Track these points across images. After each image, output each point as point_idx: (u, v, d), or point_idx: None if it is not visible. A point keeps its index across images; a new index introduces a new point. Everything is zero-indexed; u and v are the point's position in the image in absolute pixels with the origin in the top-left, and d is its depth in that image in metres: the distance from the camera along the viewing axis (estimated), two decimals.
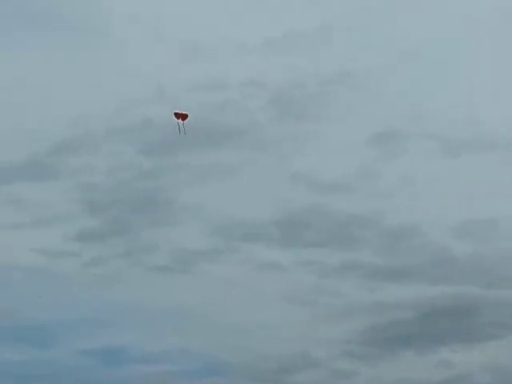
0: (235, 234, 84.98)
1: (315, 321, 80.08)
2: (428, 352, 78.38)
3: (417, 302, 79.28)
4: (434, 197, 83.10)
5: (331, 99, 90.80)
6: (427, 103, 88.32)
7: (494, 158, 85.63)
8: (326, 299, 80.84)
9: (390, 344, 78.97)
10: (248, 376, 77.62)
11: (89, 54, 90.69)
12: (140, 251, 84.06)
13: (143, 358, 78.03)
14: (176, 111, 67.65)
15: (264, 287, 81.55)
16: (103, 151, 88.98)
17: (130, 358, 78.15)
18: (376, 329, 79.43)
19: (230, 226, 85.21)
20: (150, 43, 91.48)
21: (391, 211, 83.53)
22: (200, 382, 77.62)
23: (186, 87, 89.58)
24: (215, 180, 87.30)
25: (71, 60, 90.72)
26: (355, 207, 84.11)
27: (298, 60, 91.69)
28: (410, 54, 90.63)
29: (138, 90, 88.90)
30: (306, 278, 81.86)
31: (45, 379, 75.74)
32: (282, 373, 77.51)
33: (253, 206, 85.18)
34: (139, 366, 77.73)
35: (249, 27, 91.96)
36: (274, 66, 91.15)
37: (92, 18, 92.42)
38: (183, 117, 67.10)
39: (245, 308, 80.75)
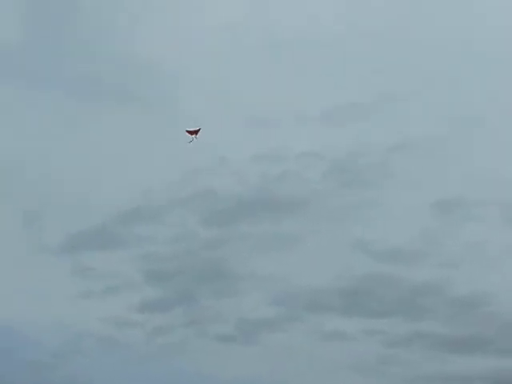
0: (299, 303, 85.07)
1: None
2: None
3: (487, 373, 78.05)
4: (503, 264, 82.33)
5: (391, 168, 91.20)
6: (490, 170, 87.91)
7: None
8: (392, 369, 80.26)
9: None
10: None
11: (154, 125, 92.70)
12: (204, 321, 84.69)
13: None
14: (188, 129, 74.58)
15: (329, 357, 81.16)
16: (167, 221, 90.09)
17: None
18: None
19: (293, 295, 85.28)
20: (213, 115, 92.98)
21: (458, 279, 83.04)
22: None
23: (247, 158, 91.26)
24: (277, 249, 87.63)
25: (137, 132, 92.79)
26: (421, 275, 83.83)
27: (357, 130, 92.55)
28: (470, 121, 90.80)
29: (202, 161, 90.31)
30: (372, 348, 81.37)
31: None
32: None
33: (316, 274, 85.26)
34: None
35: (308, 98, 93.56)
36: (333, 137, 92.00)
37: (158, 91, 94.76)
38: (195, 133, 73.55)
39: (310, 378, 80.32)
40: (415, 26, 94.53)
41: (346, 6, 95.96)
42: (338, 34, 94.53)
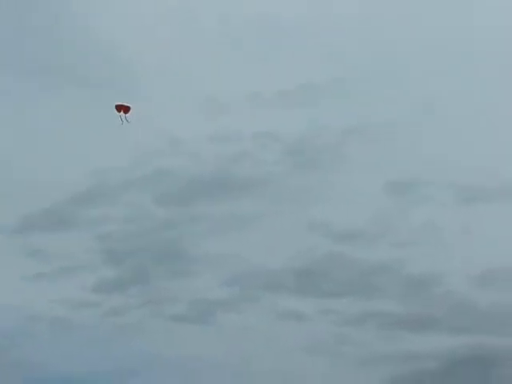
0: (254, 283, 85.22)
1: (336, 370, 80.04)
2: None
3: (439, 351, 79.17)
4: (455, 245, 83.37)
5: (347, 150, 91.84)
6: (443, 152, 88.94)
7: None
8: (346, 349, 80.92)
9: None
10: None
11: (107, 106, 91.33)
12: (159, 301, 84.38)
13: None
14: (117, 103, 67.64)
15: (284, 337, 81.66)
16: (121, 202, 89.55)
17: None
18: (398, 379, 79.20)
19: (248, 275, 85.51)
20: (168, 96, 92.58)
21: (411, 260, 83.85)
22: None
23: (201, 139, 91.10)
24: (233, 230, 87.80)
25: (90, 112, 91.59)
26: (375, 256, 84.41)
27: (312, 112, 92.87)
28: (424, 105, 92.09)
29: (156, 142, 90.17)
30: (327, 328, 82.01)
31: None
32: None
33: (271, 255, 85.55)
34: None
35: (264, 79, 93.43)
36: (289, 118, 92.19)
37: (111, 71, 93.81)
38: (125, 109, 66.55)
39: (265, 357, 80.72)
40: (374, 10, 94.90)
41: None
42: (295, 16, 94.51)
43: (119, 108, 69.08)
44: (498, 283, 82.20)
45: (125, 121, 68.74)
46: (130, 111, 69.22)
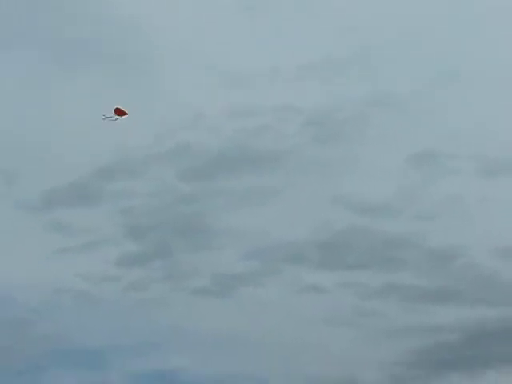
0: (276, 256, 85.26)
1: (359, 343, 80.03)
2: (474, 374, 78.04)
3: (462, 324, 78.98)
4: (477, 217, 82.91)
5: (368, 122, 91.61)
6: (465, 123, 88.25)
7: None
8: (368, 321, 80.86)
9: (434, 366, 78.82)
10: None
11: (129, 82, 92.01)
12: (181, 275, 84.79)
13: (192, 382, 78.77)
14: (118, 107, 68.62)
15: (306, 310, 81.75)
16: (144, 176, 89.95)
17: (179, 382, 78.76)
18: (420, 351, 79.11)
19: (270, 248, 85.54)
20: (189, 71, 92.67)
21: (433, 232, 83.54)
22: None
23: (222, 113, 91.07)
24: (255, 203, 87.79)
25: (112, 89, 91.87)
26: (397, 228, 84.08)
27: (334, 85, 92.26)
28: (446, 76, 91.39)
29: (178, 117, 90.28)
30: (349, 300, 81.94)
31: None
32: None
33: (293, 228, 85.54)
34: None
35: (285, 53, 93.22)
36: (310, 91, 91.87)
37: (133, 48, 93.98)
38: (121, 113, 68.27)
39: (287, 330, 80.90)
40: None
41: None
42: None
43: (117, 111, 70.05)
44: None
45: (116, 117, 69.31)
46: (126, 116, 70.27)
